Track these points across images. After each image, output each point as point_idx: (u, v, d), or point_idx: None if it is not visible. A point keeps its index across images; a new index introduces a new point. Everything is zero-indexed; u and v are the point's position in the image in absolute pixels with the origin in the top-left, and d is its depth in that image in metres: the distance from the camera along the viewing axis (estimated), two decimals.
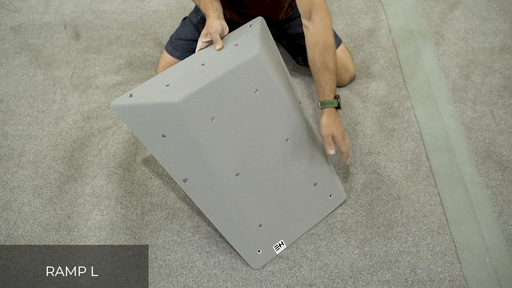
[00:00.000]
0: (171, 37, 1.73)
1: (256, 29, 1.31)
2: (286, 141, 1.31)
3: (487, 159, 1.58)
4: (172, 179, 1.55)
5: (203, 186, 1.26)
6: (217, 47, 1.27)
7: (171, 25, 1.99)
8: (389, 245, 1.40)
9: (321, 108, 1.33)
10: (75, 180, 1.56)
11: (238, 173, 1.26)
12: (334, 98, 1.33)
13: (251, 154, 1.27)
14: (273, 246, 1.37)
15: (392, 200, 1.49)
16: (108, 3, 2.09)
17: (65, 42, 1.95)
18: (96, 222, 1.46)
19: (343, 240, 1.42)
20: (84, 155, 1.61)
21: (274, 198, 1.34)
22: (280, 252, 1.38)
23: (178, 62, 1.69)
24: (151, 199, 1.51)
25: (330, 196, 1.43)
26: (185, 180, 1.26)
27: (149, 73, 1.83)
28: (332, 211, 1.47)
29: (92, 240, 1.42)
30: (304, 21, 1.35)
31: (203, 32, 1.31)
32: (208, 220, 1.45)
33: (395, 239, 1.41)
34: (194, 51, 1.35)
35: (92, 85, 1.80)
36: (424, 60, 1.86)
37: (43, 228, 1.45)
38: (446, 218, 1.45)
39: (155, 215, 1.48)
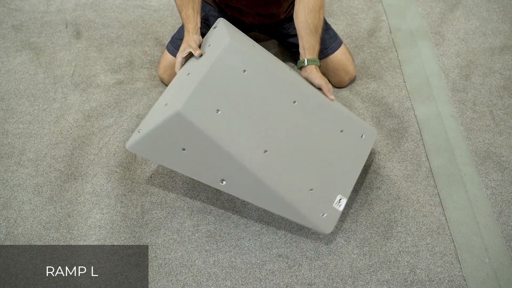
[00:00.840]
0: (172, 37, 1.73)
1: (221, 27, 1.38)
2: (294, 103, 1.33)
3: (487, 160, 1.58)
4: (173, 178, 1.55)
5: (239, 178, 1.26)
6: (197, 53, 1.34)
7: (172, 25, 2.00)
8: (388, 245, 1.41)
9: (307, 65, 1.42)
10: (76, 178, 1.56)
11: (265, 150, 1.27)
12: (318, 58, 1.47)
13: (267, 128, 1.28)
14: (333, 205, 1.34)
15: (391, 200, 1.50)
16: (109, 2, 2.09)
17: (66, 41, 1.95)
18: (96, 221, 1.46)
19: (342, 240, 1.42)
20: (84, 154, 1.61)
21: (311, 159, 1.33)
22: (343, 207, 1.35)
23: None
24: (151, 198, 1.51)
25: (362, 136, 1.42)
26: (222, 181, 1.28)
27: (149, 72, 1.83)
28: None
29: (92, 239, 1.43)
30: None
31: (182, 48, 1.38)
32: (208, 219, 1.46)
33: (394, 239, 1.42)
34: None
35: (93, 84, 1.80)
36: (424, 60, 1.87)
37: (43, 227, 1.45)
38: (446, 218, 1.46)
39: (155, 214, 1.48)
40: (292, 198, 1.28)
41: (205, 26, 1.64)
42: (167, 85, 1.78)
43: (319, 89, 1.42)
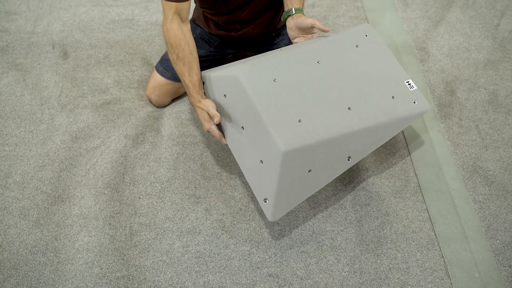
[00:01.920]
0: (162, 58, 1.72)
1: (212, 76, 1.39)
2: (318, 62, 1.37)
3: (474, 174, 1.60)
4: (161, 198, 1.54)
5: (357, 143, 1.33)
6: (216, 120, 1.32)
7: (160, 44, 2.00)
8: (379, 262, 1.40)
9: (294, 13, 1.46)
10: (63, 201, 1.54)
11: (348, 108, 1.33)
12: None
13: (336, 95, 1.34)
14: (411, 90, 1.43)
15: (381, 216, 1.50)
16: (96, 22, 2.09)
17: (53, 62, 1.95)
18: (84, 244, 1.44)
19: (333, 258, 1.41)
20: (71, 176, 1.60)
21: (368, 81, 1.40)
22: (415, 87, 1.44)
23: (168, 82, 1.70)
24: (140, 219, 1.50)
25: (366, 36, 1.48)
26: (349, 159, 1.35)
27: (137, 92, 1.83)
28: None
29: (79, 262, 1.40)
30: None
31: (206, 117, 1.35)
32: (197, 239, 1.45)
33: (384, 255, 1.42)
34: None
35: (80, 104, 1.80)
36: (410, 77, 1.89)
37: (30, 251, 1.43)
38: (435, 234, 1.46)
39: (143, 236, 1.46)
40: (394, 113, 1.37)
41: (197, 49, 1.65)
42: (155, 105, 1.78)
43: (311, 28, 1.43)
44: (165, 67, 1.70)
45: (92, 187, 1.57)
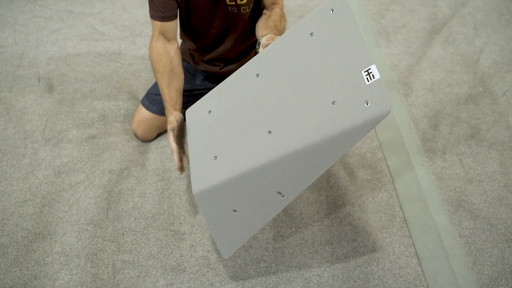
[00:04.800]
0: (148, 92, 1.73)
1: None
2: (257, 76, 1.16)
3: (459, 208, 1.61)
4: (146, 234, 1.51)
5: (284, 173, 1.06)
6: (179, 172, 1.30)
7: (146, 78, 2.01)
8: None
9: (264, 36, 1.25)
10: (44, 237, 1.50)
11: (269, 131, 1.07)
12: None
13: (256, 116, 1.12)
14: (367, 83, 0.96)
15: (367, 252, 1.49)
16: (83, 56, 2.10)
17: (38, 95, 1.94)
18: (64, 283, 1.40)
19: None
20: (54, 211, 1.57)
21: (306, 83, 1.06)
22: (379, 75, 0.96)
23: (154, 116, 1.70)
24: (123, 256, 1.46)
25: (332, 11, 1.08)
26: (282, 195, 1.09)
27: (123, 126, 1.82)
28: (313, 258, 1.45)
29: None
30: (264, 11, 1.47)
31: (169, 130, 1.29)
32: (182, 277, 1.41)
33: None
34: None
35: (65, 139, 1.78)
36: (394, 111, 1.92)
37: None
38: (422, 269, 1.45)
39: (127, 274, 1.43)
40: (329, 127, 0.99)
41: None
42: (140, 139, 1.77)
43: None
44: (151, 101, 1.70)
45: (75, 223, 1.53)
